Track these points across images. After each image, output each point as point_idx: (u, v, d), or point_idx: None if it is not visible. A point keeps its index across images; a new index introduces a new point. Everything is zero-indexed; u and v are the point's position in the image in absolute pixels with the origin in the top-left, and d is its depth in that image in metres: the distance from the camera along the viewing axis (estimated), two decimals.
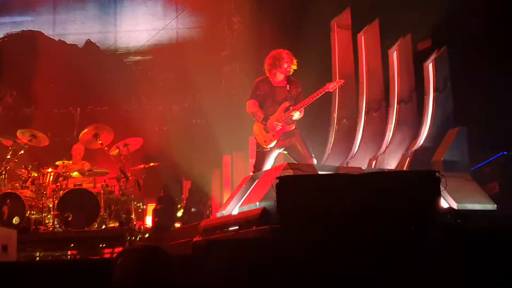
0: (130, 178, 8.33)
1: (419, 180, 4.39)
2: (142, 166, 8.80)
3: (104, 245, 7.61)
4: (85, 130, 8.49)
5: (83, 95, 10.94)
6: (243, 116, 6.76)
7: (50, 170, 8.11)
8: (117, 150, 8.49)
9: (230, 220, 5.45)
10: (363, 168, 6.25)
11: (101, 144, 8.41)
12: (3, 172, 8.14)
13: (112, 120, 10.17)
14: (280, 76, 6.38)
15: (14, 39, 11.44)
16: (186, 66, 10.95)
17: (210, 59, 11.01)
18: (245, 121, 7.23)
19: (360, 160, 7.60)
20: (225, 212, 5.86)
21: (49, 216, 7.79)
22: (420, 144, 7.46)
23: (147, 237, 8.26)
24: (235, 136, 9.58)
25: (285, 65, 6.30)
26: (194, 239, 5.54)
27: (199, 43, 10.88)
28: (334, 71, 7.95)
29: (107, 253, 7.66)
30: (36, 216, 7.77)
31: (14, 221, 7.48)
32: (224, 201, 6.83)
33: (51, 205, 7.80)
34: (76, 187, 7.97)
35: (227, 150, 9.72)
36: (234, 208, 5.79)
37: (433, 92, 7.65)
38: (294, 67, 6.35)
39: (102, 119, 10.35)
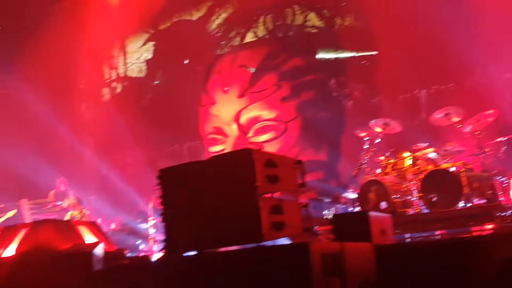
0: (488, 153, 7.98)
1: None
2: (500, 138, 8.30)
3: (472, 223, 7.41)
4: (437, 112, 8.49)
5: (425, 76, 10.85)
6: None
7: (407, 154, 8.30)
8: (471, 127, 8.22)
9: None
10: None
11: (455, 122, 8.28)
12: (364, 162, 8.71)
13: (460, 96, 9.86)
14: None
15: None
16: None
17: None
18: None
19: None
20: None
21: (413, 198, 7.97)
22: None
23: None
24: None
25: None
26: None
27: None
28: None
29: (475, 231, 7.45)
30: (400, 199, 8.03)
31: (381, 206, 7.89)
32: None
33: (413, 188, 7.97)
34: (436, 168, 7.96)
35: None
36: None
37: None
38: None
39: (449, 97, 10.12)
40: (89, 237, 5.95)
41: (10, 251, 5.58)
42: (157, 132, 13.95)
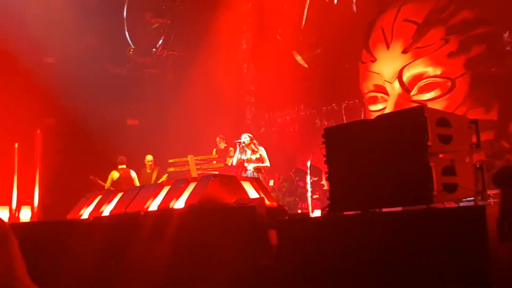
0: None
1: None
2: None
3: None
4: None
5: None
6: None
7: None
8: None
9: None
10: None
11: None
12: None
13: None
14: None
15: None
16: None
17: None
18: None
19: None
20: None
21: None
22: None
23: None
24: None
25: None
26: None
27: None
28: None
29: None
30: None
31: None
32: None
33: None
34: None
35: None
36: None
37: None
38: None
39: None
40: (252, 192, 6.12)
41: (180, 203, 5.91)
42: (316, 91, 13.94)
